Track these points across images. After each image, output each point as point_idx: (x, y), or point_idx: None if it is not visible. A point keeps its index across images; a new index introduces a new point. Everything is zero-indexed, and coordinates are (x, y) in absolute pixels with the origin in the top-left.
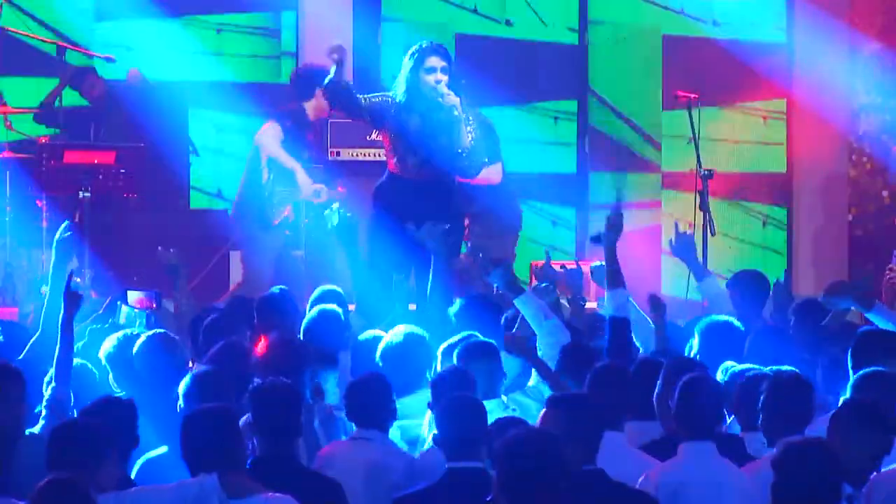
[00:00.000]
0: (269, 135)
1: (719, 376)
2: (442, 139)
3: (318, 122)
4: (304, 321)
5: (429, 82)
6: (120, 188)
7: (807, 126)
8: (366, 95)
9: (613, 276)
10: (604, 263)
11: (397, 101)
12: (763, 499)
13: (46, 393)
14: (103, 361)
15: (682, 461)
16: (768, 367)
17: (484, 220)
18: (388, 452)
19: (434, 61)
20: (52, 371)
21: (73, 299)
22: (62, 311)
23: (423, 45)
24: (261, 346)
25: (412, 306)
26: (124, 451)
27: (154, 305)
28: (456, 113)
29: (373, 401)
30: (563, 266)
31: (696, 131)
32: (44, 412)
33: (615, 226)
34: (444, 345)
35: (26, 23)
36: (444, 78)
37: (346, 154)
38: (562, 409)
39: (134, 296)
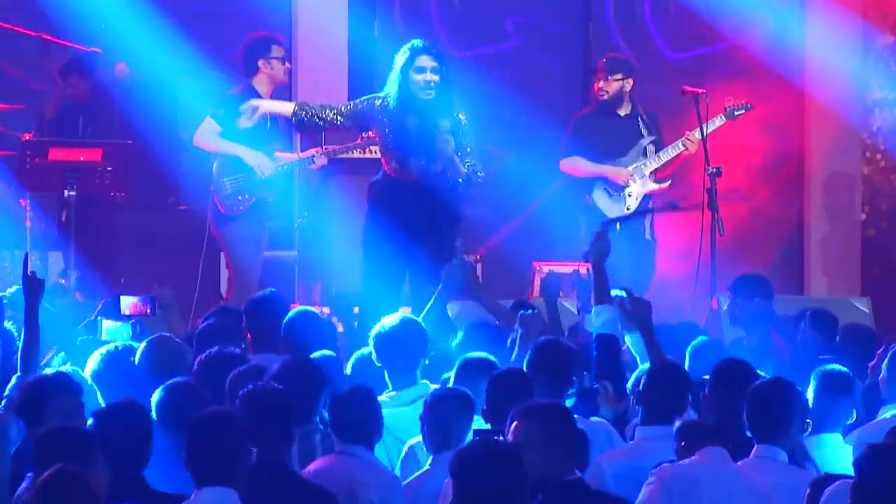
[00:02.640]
0: (201, 133)
1: None
2: (432, 142)
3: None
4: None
5: (418, 82)
6: (107, 186)
7: (819, 122)
8: (352, 101)
9: (599, 291)
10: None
11: (389, 101)
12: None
13: (11, 382)
14: (89, 381)
15: (699, 461)
16: None
17: None
18: (367, 468)
19: (424, 60)
20: None
21: (33, 285)
22: (25, 300)
23: (415, 44)
24: None
25: (406, 309)
26: (141, 457)
27: (148, 311)
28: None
29: (358, 415)
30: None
31: (705, 127)
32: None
33: (601, 239)
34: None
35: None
36: (435, 78)
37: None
38: (534, 419)
39: (128, 301)
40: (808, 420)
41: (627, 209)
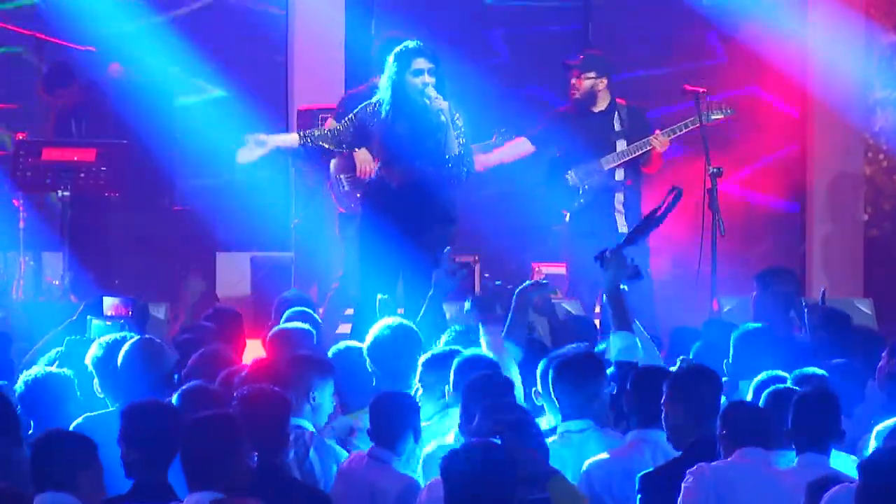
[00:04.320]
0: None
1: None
2: (429, 144)
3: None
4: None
5: (416, 85)
6: (101, 187)
7: (821, 121)
8: (346, 118)
9: (618, 318)
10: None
11: (382, 105)
12: None
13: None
14: (90, 367)
15: (737, 461)
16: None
17: None
18: (390, 475)
19: (421, 63)
20: None
21: None
22: None
23: (410, 46)
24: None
25: (400, 310)
26: (165, 457)
27: (129, 312)
28: (443, 118)
29: (392, 421)
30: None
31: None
32: None
33: (610, 265)
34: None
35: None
36: (432, 80)
37: None
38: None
39: (109, 302)
40: None
41: (579, 203)
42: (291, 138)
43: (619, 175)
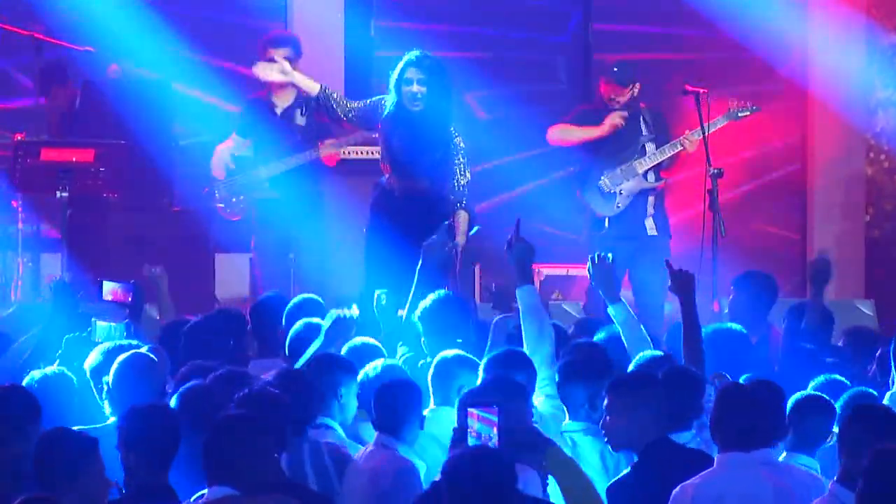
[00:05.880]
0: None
1: None
2: (426, 157)
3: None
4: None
5: (406, 94)
6: (99, 187)
7: (822, 122)
8: (362, 100)
9: (610, 292)
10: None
11: (389, 111)
12: None
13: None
14: (88, 374)
15: (719, 472)
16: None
17: None
18: (390, 458)
19: (412, 73)
20: None
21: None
22: None
23: (408, 57)
24: None
25: (401, 311)
26: (164, 459)
27: (129, 298)
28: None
29: (396, 409)
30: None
31: (706, 127)
32: None
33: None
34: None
35: None
36: (422, 90)
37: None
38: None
39: (109, 287)
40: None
41: (618, 207)
42: (312, 85)
43: (651, 178)
